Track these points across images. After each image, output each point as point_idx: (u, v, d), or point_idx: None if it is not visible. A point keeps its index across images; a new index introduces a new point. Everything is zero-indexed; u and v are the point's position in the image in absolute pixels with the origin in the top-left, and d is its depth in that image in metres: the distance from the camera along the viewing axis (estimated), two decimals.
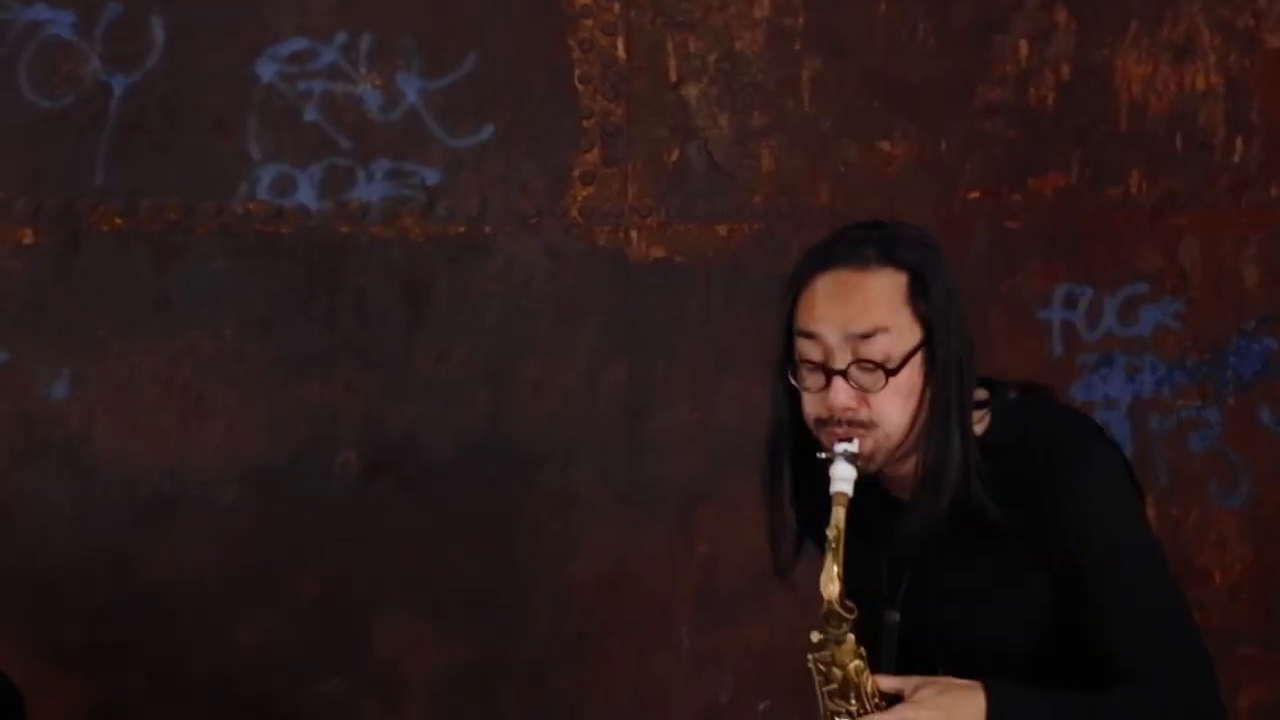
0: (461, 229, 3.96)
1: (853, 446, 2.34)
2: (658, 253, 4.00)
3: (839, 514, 2.30)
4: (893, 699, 2.35)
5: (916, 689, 2.34)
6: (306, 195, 3.91)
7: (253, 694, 3.91)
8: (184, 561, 3.88)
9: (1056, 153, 4.04)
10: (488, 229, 3.96)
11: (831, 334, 2.36)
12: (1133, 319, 4.05)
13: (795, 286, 2.41)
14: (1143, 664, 2.35)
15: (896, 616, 2.46)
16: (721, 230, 3.99)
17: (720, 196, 3.99)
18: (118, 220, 3.88)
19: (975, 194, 4.02)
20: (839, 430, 2.35)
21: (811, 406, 2.39)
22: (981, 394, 2.45)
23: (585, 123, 3.97)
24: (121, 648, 3.87)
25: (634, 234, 3.99)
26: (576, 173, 3.98)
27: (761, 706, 4.02)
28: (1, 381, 3.84)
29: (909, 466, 2.41)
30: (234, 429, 3.91)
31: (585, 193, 3.98)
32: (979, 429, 2.43)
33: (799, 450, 2.43)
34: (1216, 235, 4.07)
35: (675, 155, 4.00)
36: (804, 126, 4.01)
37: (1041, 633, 2.41)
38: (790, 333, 2.41)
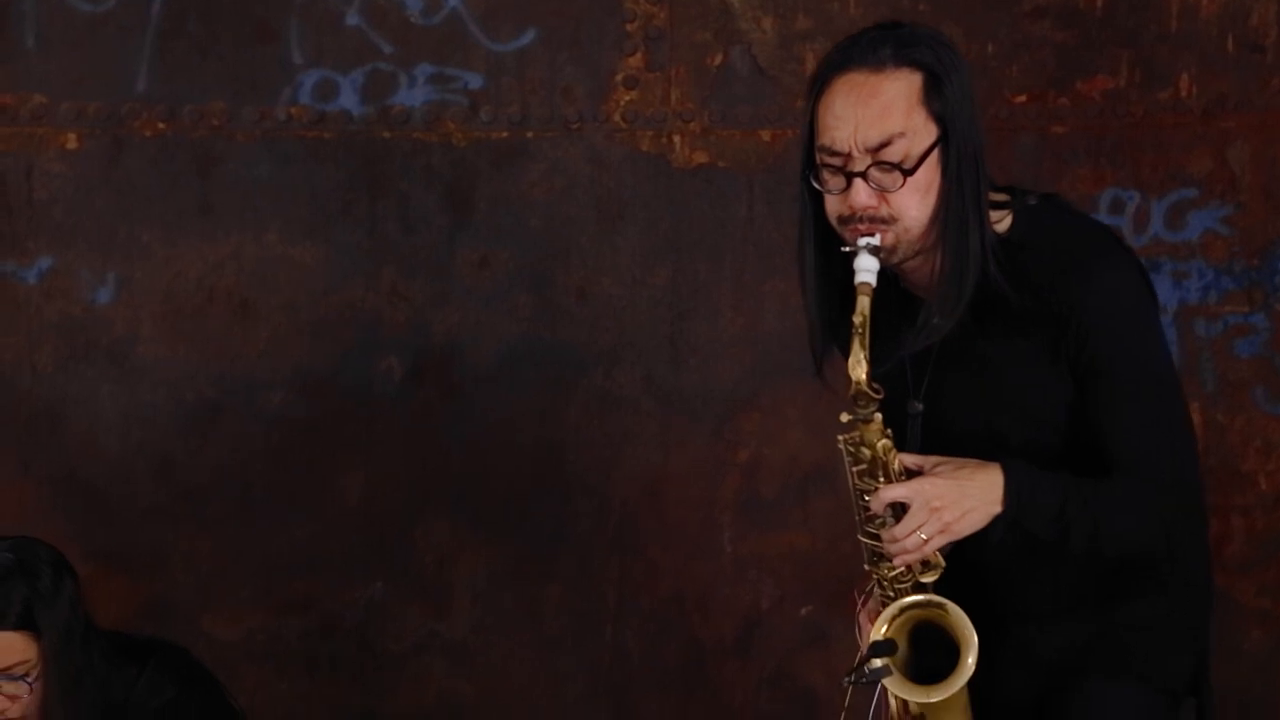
0: (504, 134, 3.95)
1: (875, 240, 2.45)
2: (700, 158, 3.98)
3: (864, 302, 2.42)
4: (916, 475, 2.48)
5: (935, 465, 2.47)
6: (349, 100, 3.90)
7: (297, 597, 3.94)
8: (229, 466, 3.91)
9: (1105, 55, 3.99)
10: (530, 134, 3.95)
11: (848, 141, 2.45)
12: (1180, 224, 4.02)
13: (815, 89, 2.51)
14: (1139, 461, 2.49)
15: (920, 407, 2.56)
16: (765, 136, 3.97)
17: (764, 101, 3.95)
18: (161, 125, 3.88)
19: (1022, 98, 3.98)
20: (861, 227, 2.46)
21: (834, 206, 2.50)
22: (1002, 197, 2.55)
23: (628, 27, 3.94)
24: (167, 551, 3.91)
25: (677, 139, 3.97)
26: (619, 77, 3.96)
27: (803, 612, 4.03)
28: (47, 287, 3.87)
29: (929, 264, 2.51)
30: (278, 335, 3.92)
31: (628, 98, 3.96)
32: (1000, 228, 2.53)
33: (826, 249, 2.52)
34: (1267, 139, 4.02)
35: (718, 60, 3.97)
36: (848, 30, 3.93)
37: (1059, 427, 2.53)
38: (812, 135, 2.50)
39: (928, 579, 2.51)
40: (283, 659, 3.93)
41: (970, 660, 2.46)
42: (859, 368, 2.42)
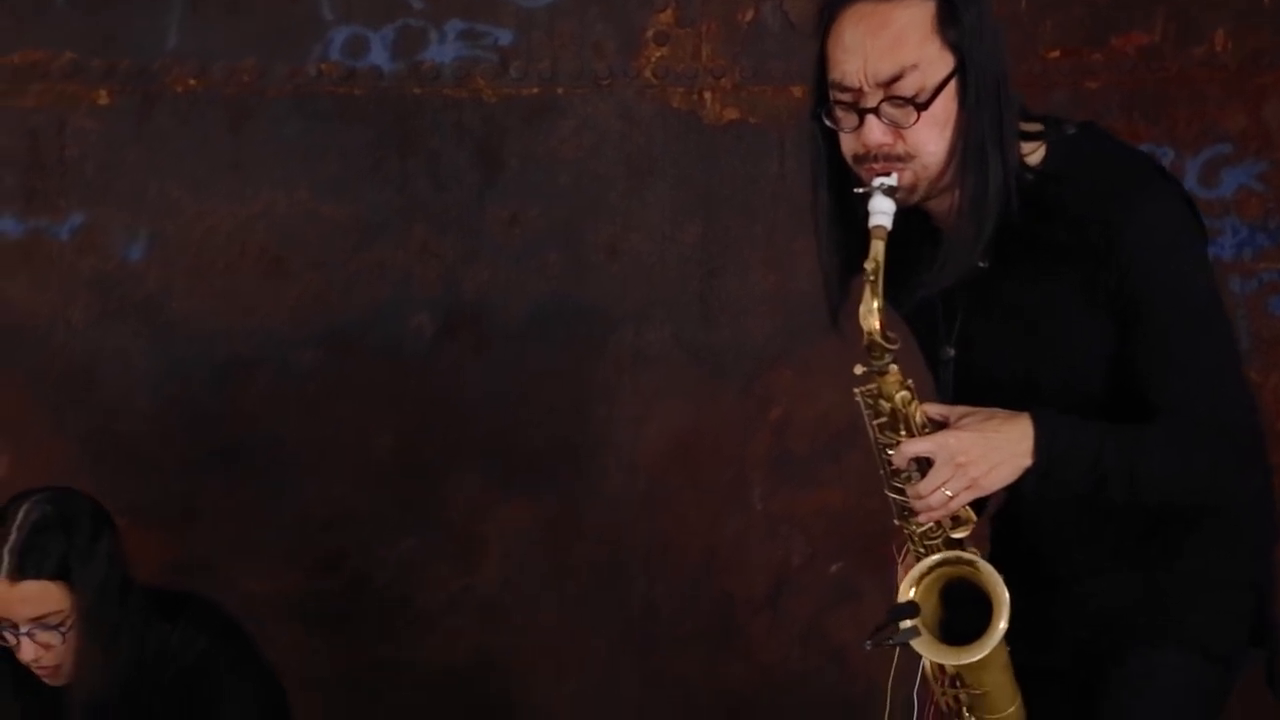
0: (534, 90, 3.94)
1: (891, 180, 2.32)
2: (731, 115, 3.96)
3: (877, 247, 2.29)
4: (941, 428, 2.37)
5: (962, 417, 2.35)
6: (379, 57, 3.90)
7: (328, 553, 3.96)
8: (260, 422, 3.92)
9: (1139, 10, 3.96)
10: (560, 90, 3.94)
11: (859, 75, 2.32)
12: (1214, 181, 3.99)
13: (823, 21, 2.38)
14: (1187, 401, 2.34)
15: (952, 352, 2.45)
16: (796, 92, 3.94)
17: (795, 57, 3.93)
18: (192, 82, 3.88)
19: (1055, 53, 3.95)
20: (876, 166, 2.33)
21: (848, 145, 2.36)
22: (1035, 127, 2.41)
23: None
24: (200, 507, 3.93)
25: (708, 96, 3.96)
26: (650, 33, 3.94)
27: (834, 569, 4.03)
28: (80, 243, 3.88)
29: (951, 201, 2.38)
30: (309, 292, 3.93)
31: (659, 54, 3.95)
32: (1034, 159, 2.39)
33: (841, 189, 2.41)
34: None
35: (750, 15, 3.95)
36: None
37: (1099, 369, 2.40)
38: (823, 70, 2.38)
39: (959, 534, 2.41)
40: (315, 614, 3.95)
41: (1002, 623, 2.35)
42: (871, 317, 2.29)
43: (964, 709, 2.49)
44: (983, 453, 2.32)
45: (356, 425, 3.95)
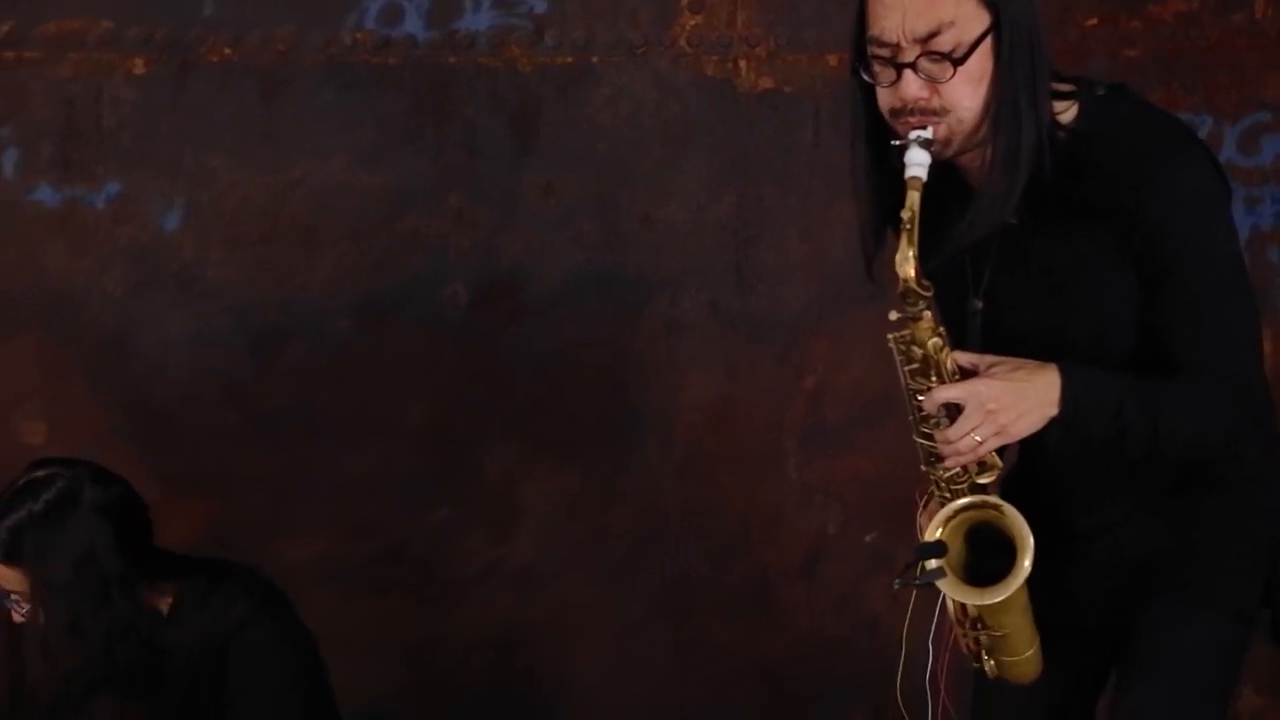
0: (569, 59, 3.93)
1: (926, 133, 2.38)
2: (766, 83, 3.95)
3: (913, 197, 2.35)
4: (971, 376, 2.42)
5: (991, 365, 2.41)
6: (414, 25, 3.89)
7: (364, 522, 3.97)
8: (295, 391, 3.94)
9: None
10: (595, 59, 3.93)
11: (897, 31, 2.38)
12: (1254, 149, 3.97)
13: None
14: (1208, 361, 2.40)
15: (980, 305, 2.50)
16: (832, 60, 3.93)
17: (831, 25, 3.91)
18: (227, 51, 3.89)
19: (1093, 20, 3.93)
20: (912, 119, 2.39)
21: (885, 99, 2.42)
22: (1067, 87, 2.47)
23: None
24: (236, 475, 3.94)
25: (742, 64, 3.94)
26: (684, 1, 3.93)
27: (868, 538, 4.03)
28: (116, 212, 3.89)
29: (985, 154, 2.44)
30: (344, 261, 3.93)
31: (693, 22, 3.93)
32: (1066, 118, 2.45)
33: (878, 143, 2.46)
34: None
35: None
36: None
37: (1123, 327, 2.45)
38: (863, 26, 2.44)
39: (984, 480, 2.46)
40: (350, 583, 3.96)
41: (1026, 562, 2.40)
42: (906, 264, 2.35)
43: (984, 651, 2.57)
44: (1012, 400, 2.38)
45: (391, 394, 3.96)
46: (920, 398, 2.43)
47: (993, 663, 2.58)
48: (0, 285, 3.88)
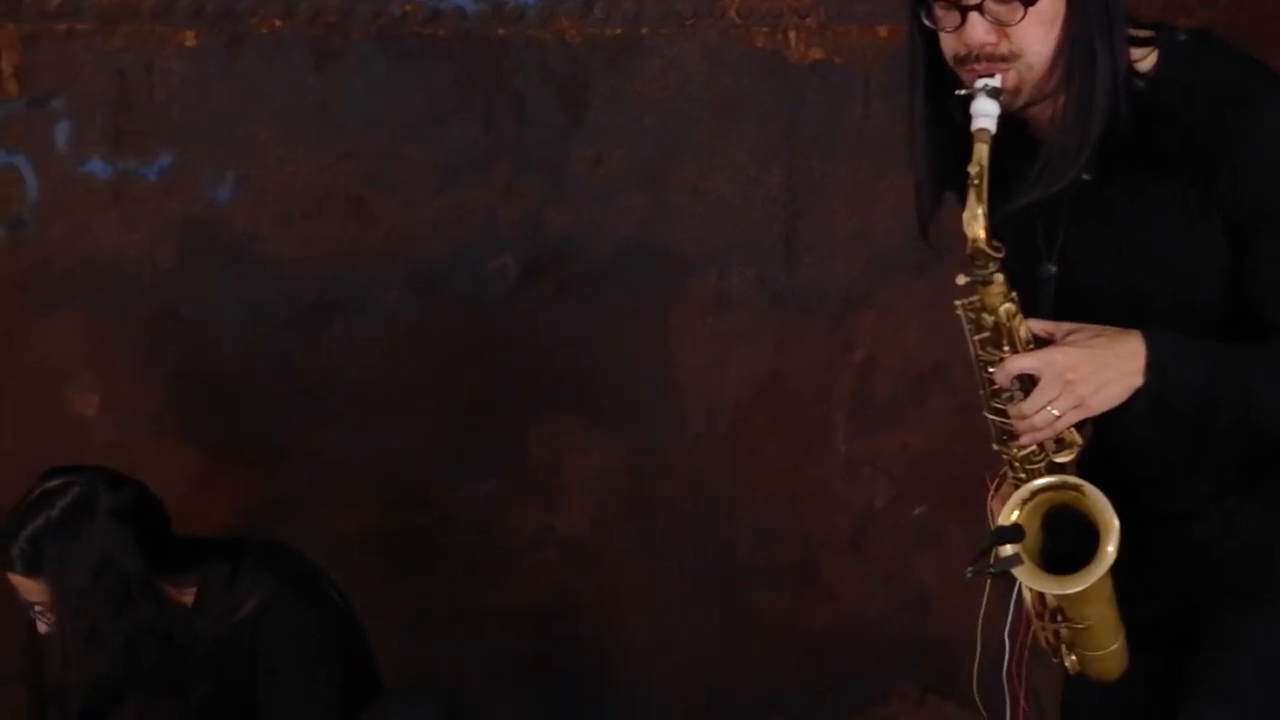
0: (618, 31, 3.92)
1: (994, 81, 2.20)
2: (816, 54, 3.93)
3: (981, 151, 2.18)
4: (1046, 345, 2.25)
5: (1069, 333, 2.24)
6: None
7: (412, 493, 3.98)
8: (345, 363, 3.95)
9: None
10: (644, 30, 3.92)
11: None
12: None
13: None
14: None
15: (1053, 269, 2.32)
16: (882, 31, 3.91)
17: None
18: (277, 22, 3.89)
19: None
20: (979, 67, 2.21)
21: (949, 45, 2.24)
22: (1146, 33, 2.30)
23: None
24: (287, 446, 3.96)
25: (792, 35, 3.93)
26: None
27: (916, 511, 4.03)
28: (167, 184, 3.91)
29: (1057, 104, 2.27)
30: (393, 232, 3.94)
31: None
32: (1144, 66, 2.27)
33: (939, 93, 2.29)
34: None
35: None
36: None
37: (1209, 286, 2.28)
38: None
39: (1062, 458, 2.27)
40: (400, 553, 3.98)
41: (1110, 548, 2.21)
42: (975, 223, 2.17)
43: (1064, 645, 2.38)
44: (1092, 370, 2.20)
45: (440, 366, 3.97)
46: (991, 369, 2.24)
47: (1074, 658, 2.39)
48: (53, 257, 3.90)
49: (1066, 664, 2.41)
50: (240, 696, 3.03)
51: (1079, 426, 2.27)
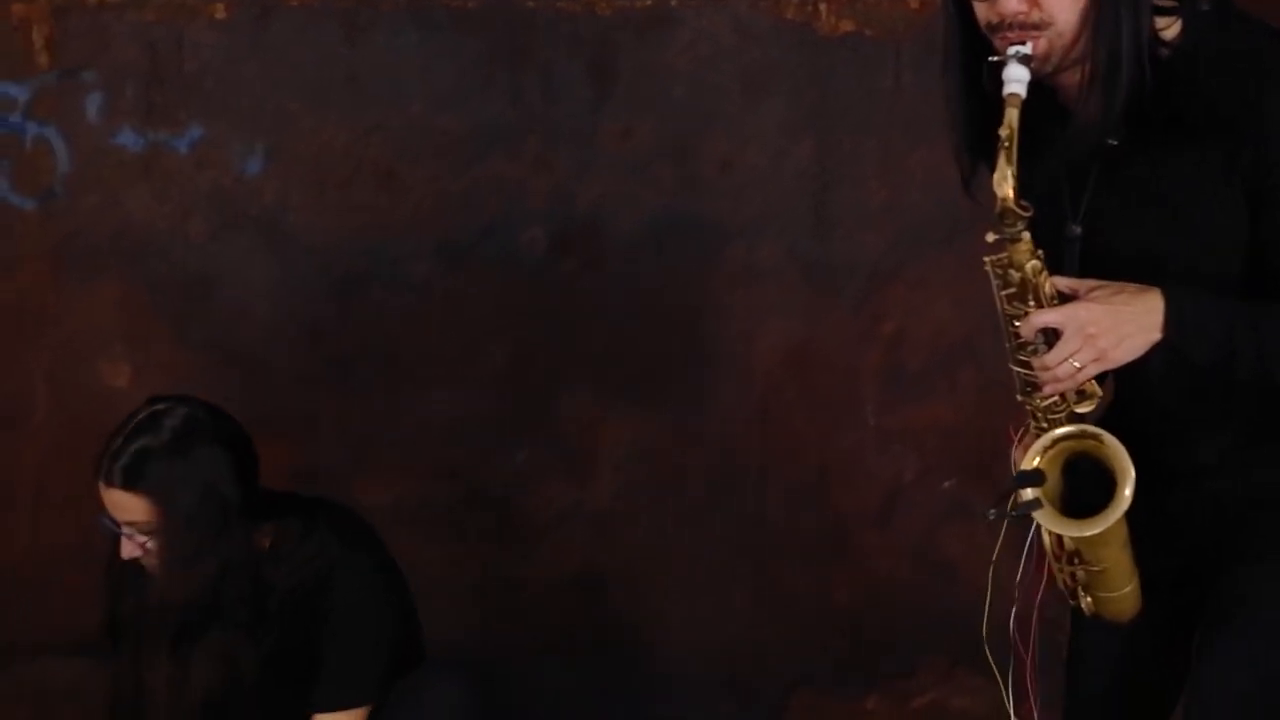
0: (648, 3, 3.92)
1: (1025, 48, 2.30)
2: (847, 26, 3.92)
3: (1011, 114, 2.28)
4: (1070, 301, 2.34)
5: (1091, 289, 2.33)
6: None
7: (443, 464, 4.00)
8: (375, 334, 3.96)
9: None
10: (674, 3, 3.92)
11: None
12: None
13: None
14: None
15: (1078, 230, 2.41)
16: (913, 3, 3.91)
17: None
18: None
19: None
20: (1011, 34, 2.32)
21: (982, 13, 2.35)
22: (1169, 3, 2.38)
23: None
24: (318, 417, 3.97)
25: (823, 7, 3.92)
26: None
27: (946, 484, 4.02)
28: (198, 156, 3.92)
29: (1083, 70, 2.35)
30: (423, 205, 3.95)
31: None
32: (1169, 34, 2.36)
33: (972, 60, 2.38)
34: None
35: None
36: None
37: (1230, 251, 2.36)
38: None
39: (1083, 409, 2.37)
40: (430, 525, 3.99)
41: (1126, 492, 2.32)
42: (1005, 184, 2.27)
43: (1080, 586, 2.48)
44: (1112, 324, 2.30)
45: (470, 338, 3.98)
46: (1017, 323, 2.34)
47: (1089, 599, 2.50)
48: (84, 229, 3.92)
49: (1082, 605, 2.50)
50: (301, 652, 3.05)
51: (1100, 379, 2.36)
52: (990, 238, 2.33)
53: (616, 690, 4.04)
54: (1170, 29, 2.36)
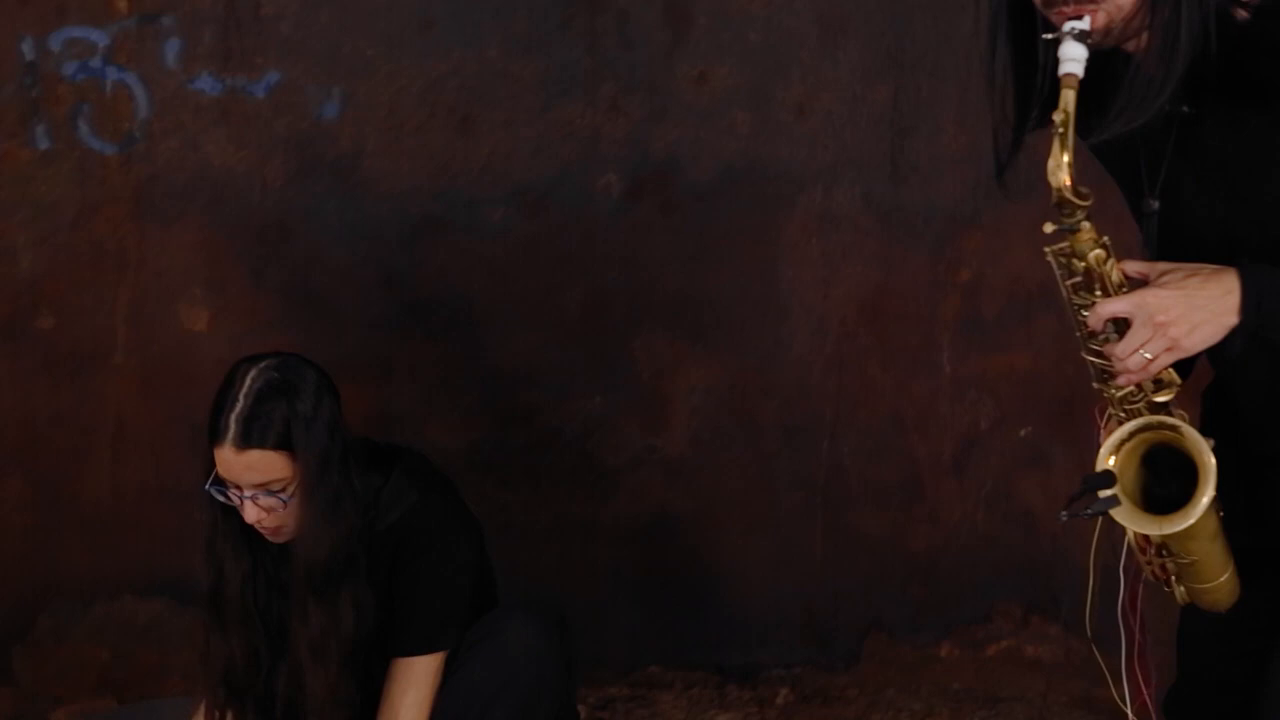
0: None
1: (1083, 24, 2.15)
2: None
3: (1067, 97, 2.12)
4: (1141, 286, 2.21)
5: (1162, 274, 2.20)
6: None
7: (518, 409, 4.01)
8: (450, 280, 3.97)
9: None
10: None
11: None
12: None
13: None
14: None
15: (1155, 205, 2.28)
16: None
17: None
18: None
19: None
20: (1067, 9, 2.17)
21: None
22: None
23: None
24: (393, 362, 3.99)
25: None
26: None
27: (1022, 433, 4.00)
28: (276, 101, 3.93)
29: (1144, 39, 2.22)
30: (498, 150, 3.95)
31: None
32: None
33: (1022, 36, 2.25)
34: None
35: None
36: None
37: None
38: None
39: (1161, 398, 2.25)
40: (505, 469, 4.01)
41: (1207, 489, 2.19)
42: (1060, 172, 2.12)
43: (1171, 578, 2.38)
44: (1184, 311, 2.17)
45: (545, 283, 3.98)
46: (1085, 314, 2.22)
47: (1182, 589, 2.38)
48: (163, 174, 3.94)
49: (1176, 595, 2.40)
50: (379, 596, 3.07)
51: (1184, 366, 2.25)
52: (1049, 229, 2.21)
53: (691, 634, 4.06)
54: None
